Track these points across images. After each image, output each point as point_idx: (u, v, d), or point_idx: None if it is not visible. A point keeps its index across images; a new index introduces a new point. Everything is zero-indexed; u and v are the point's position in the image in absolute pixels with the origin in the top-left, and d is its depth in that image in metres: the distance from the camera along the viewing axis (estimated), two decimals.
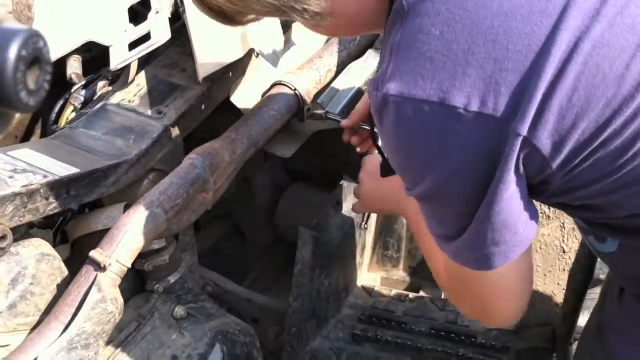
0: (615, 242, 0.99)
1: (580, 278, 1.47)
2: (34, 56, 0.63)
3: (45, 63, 0.64)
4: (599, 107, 0.81)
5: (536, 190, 0.91)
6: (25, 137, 1.54)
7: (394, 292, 1.81)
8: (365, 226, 1.69)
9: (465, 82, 0.81)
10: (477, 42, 0.81)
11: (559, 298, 1.57)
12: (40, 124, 1.56)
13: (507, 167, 0.83)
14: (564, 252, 1.55)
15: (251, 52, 1.47)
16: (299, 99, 1.48)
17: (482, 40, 0.80)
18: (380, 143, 1.25)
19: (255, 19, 1.03)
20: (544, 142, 0.82)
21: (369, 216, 1.66)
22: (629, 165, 0.84)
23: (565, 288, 1.52)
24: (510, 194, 0.85)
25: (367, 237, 1.84)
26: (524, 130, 0.80)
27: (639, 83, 0.80)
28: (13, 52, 0.61)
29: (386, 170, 1.25)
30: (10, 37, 0.60)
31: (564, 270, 1.55)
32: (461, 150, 0.84)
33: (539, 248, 1.56)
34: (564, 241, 1.55)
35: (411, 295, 1.79)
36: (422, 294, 1.85)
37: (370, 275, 1.90)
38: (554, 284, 1.56)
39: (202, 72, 1.33)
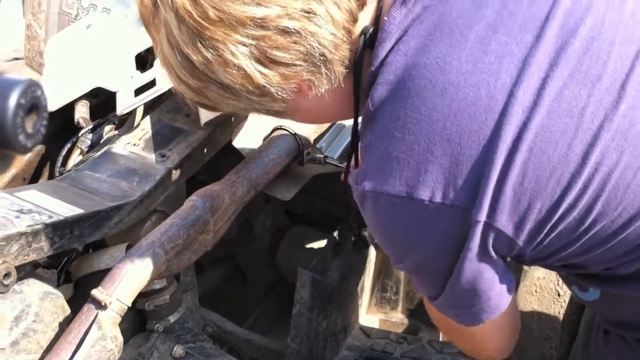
0: (596, 291, 1.05)
1: (575, 320, 1.49)
2: (32, 103, 0.69)
3: (42, 110, 0.70)
4: (550, 186, 0.87)
5: (516, 260, 1.00)
6: (33, 179, 1.58)
7: (392, 334, 1.82)
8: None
9: (427, 177, 0.89)
10: (434, 142, 0.88)
11: (554, 341, 1.58)
12: (48, 167, 1.60)
13: (470, 247, 0.91)
14: (559, 295, 1.57)
15: None
16: (298, 143, 1.52)
17: (438, 140, 0.88)
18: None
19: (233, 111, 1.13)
20: (505, 224, 0.89)
21: None
22: (590, 231, 0.91)
23: (560, 330, 1.54)
24: (477, 268, 0.94)
25: (366, 279, 1.86)
26: (482, 216, 0.88)
27: (582, 159, 0.86)
28: (13, 100, 0.67)
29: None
30: (10, 87, 0.66)
31: (559, 313, 1.56)
32: (432, 235, 0.93)
33: (534, 291, 1.58)
34: (558, 284, 1.57)
35: (409, 337, 1.80)
36: (420, 336, 1.85)
37: (368, 317, 1.91)
38: (549, 327, 1.58)
39: (204, 117, 1.38)
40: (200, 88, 0.99)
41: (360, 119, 1.02)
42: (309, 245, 1.88)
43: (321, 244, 1.80)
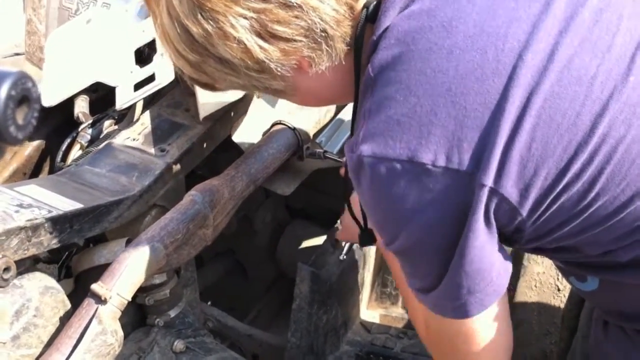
0: (595, 280, 1.03)
1: (575, 315, 1.48)
2: (23, 95, 0.70)
3: (33, 101, 0.71)
4: (557, 153, 0.86)
5: (511, 238, 0.96)
6: (33, 174, 1.58)
7: (392, 329, 1.82)
8: (344, 257, 1.70)
9: (430, 140, 0.87)
10: (438, 104, 0.86)
11: (554, 336, 1.58)
12: (48, 161, 1.61)
13: (475, 217, 0.88)
14: (559, 290, 1.57)
15: (252, 93, 1.52)
16: (298, 138, 1.52)
17: (442, 102, 0.86)
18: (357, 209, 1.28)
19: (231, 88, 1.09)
20: (510, 190, 0.87)
21: (350, 247, 1.69)
22: (592, 206, 0.89)
23: (560, 326, 1.54)
24: (481, 243, 0.90)
25: (366, 274, 1.86)
26: (488, 181, 0.86)
27: (590, 129, 0.86)
28: (3, 91, 0.67)
29: (365, 239, 1.31)
30: (1, 79, 0.67)
31: (559, 307, 1.56)
32: (433, 204, 0.89)
33: (534, 286, 1.58)
34: (558, 279, 1.57)
35: (409, 332, 1.81)
36: None
37: (368, 312, 1.91)
38: (548, 322, 1.57)
39: (203, 112, 1.38)
40: (199, 63, 0.97)
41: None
42: (309, 240, 1.89)
43: (321, 238, 1.81)
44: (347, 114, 1.63)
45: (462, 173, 0.86)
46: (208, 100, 1.38)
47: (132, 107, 1.46)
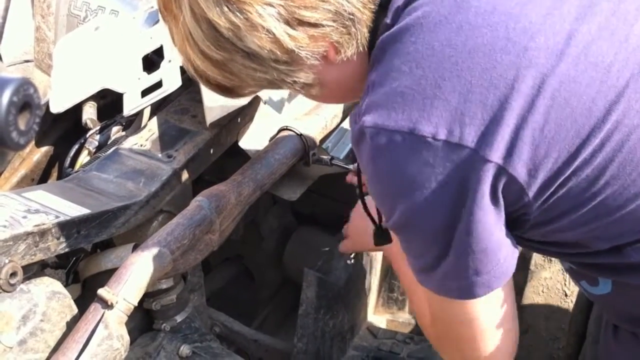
0: (607, 283, 1.02)
1: (582, 321, 1.49)
2: (25, 101, 0.70)
3: (35, 108, 0.72)
4: (569, 137, 0.86)
5: (516, 222, 0.94)
6: (42, 180, 1.59)
7: (398, 334, 1.82)
8: (352, 261, 1.70)
9: (432, 113, 0.86)
10: (443, 77, 0.86)
11: (562, 341, 1.58)
12: (57, 167, 1.62)
13: (480, 193, 0.87)
14: (566, 295, 1.56)
15: (259, 99, 1.53)
16: (304, 144, 1.52)
17: (447, 75, 0.86)
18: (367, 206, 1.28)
19: (254, 91, 1.09)
20: (519, 170, 0.86)
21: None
22: (600, 194, 0.88)
23: (567, 331, 1.54)
24: (488, 220, 0.89)
25: (373, 279, 1.86)
26: (494, 157, 0.85)
27: (604, 115, 0.85)
28: (5, 97, 0.68)
29: (380, 237, 1.28)
30: (3, 85, 0.68)
31: (566, 313, 1.56)
32: (431, 178, 0.88)
33: (541, 291, 1.58)
34: (565, 284, 1.56)
35: (416, 337, 1.80)
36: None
37: (375, 317, 1.91)
38: (556, 327, 1.57)
39: (209, 117, 1.38)
40: (226, 61, 0.96)
41: None
42: (315, 246, 1.89)
43: (328, 244, 1.81)
44: None
45: (462, 147, 0.86)
46: (215, 107, 1.39)
47: (139, 114, 1.47)
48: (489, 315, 1.00)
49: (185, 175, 1.38)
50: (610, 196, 0.88)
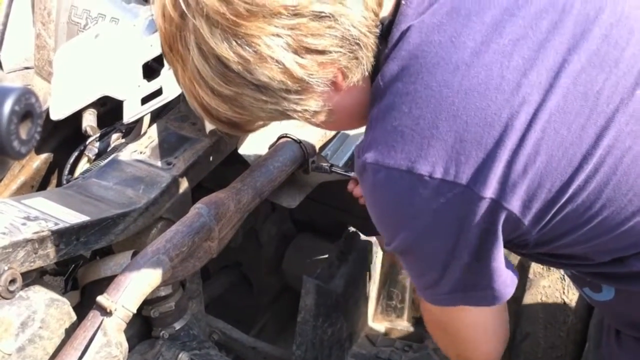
0: (610, 290, 1.03)
1: (581, 329, 1.49)
2: (26, 110, 0.71)
3: (36, 117, 0.72)
4: (561, 166, 0.88)
5: (518, 245, 0.98)
6: (41, 187, 1.60)
7: (397, 341, 1.82)
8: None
9: (429, 152, 0.89)
10: (440, 118, 0.89)
11: (561, 349, 1.58)
12: (56, 174, 1.62)
13: (475, 226, 0.90)
14: (565, 303, 1.56)
15: None
16: (304, 151, 1.53)
17: (444, 116, 0.88)
18: None
19: (263, 125, 1.11)
20: (514, 203, 0.89)
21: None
22: (598, 216, 0.90)
23: (566, 339, 1.54)
24: (487, 248, 0.93)
25: (371, 287, 1.86)
26: (488, 193, 0.88)
27: (595, 141, 0.86)
28: (7, 107, 0.68)
29: None
30: (5, 94, 0.68)
31: (565, 322, 1.56)
32: (427, 213, 0.92)
33: (540, 300, 1.58)
34: (564, 293, 1.56)
35: (415, 345, 1.80)
36: (425, 344, 1.85)
37: (374, 325, 1.91)
38: (555, 335, 1.57)
39: (209, 125, 1.39)
40: (235, 95, 0.96)
41: None
42: (314, 253, 1.89)
43: (327, 251, 1.81)
44: None
45: (457, 185, 0.89)
46: None
47: (139, 121, 1.47)
48: (482, 319, 1.07)
49: (184, 183, 1.38)
50: (609, 216, 0.91)
